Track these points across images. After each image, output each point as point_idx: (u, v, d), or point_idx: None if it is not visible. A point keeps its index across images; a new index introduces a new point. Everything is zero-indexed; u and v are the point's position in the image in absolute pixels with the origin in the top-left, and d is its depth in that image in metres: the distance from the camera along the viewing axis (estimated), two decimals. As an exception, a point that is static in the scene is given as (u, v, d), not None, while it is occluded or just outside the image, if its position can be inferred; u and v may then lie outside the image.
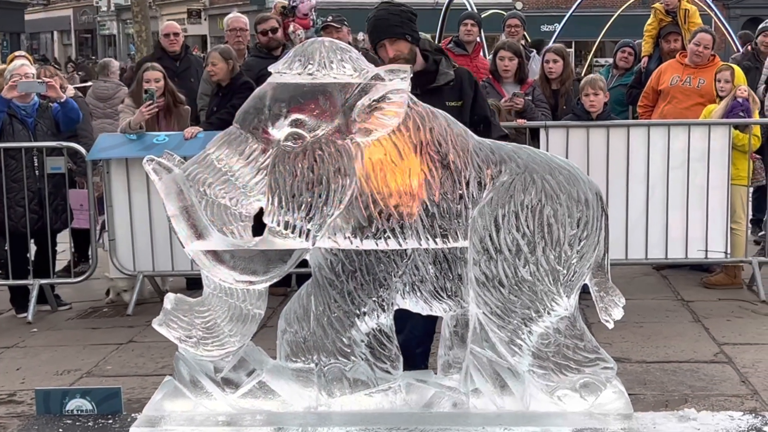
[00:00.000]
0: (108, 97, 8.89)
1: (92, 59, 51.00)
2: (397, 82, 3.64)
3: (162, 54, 8.25)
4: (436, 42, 11.34)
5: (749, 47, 9.33)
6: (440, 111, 3.87)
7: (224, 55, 7.28)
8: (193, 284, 7.31)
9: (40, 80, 6.95)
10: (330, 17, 8.43)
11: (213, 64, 7.26)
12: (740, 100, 6.99)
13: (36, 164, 6.94)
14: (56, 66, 8.36)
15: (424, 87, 4.61)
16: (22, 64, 7.15)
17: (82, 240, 7.72)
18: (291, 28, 8.77)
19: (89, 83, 11.64)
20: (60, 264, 7.66)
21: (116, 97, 8.68)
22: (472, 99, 4.76)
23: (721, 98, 7.20)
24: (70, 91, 7.83)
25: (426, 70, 4.69)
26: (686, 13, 8.83)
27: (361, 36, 12.84)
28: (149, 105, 6.81)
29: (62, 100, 7.04)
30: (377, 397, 3.88)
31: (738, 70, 7.47)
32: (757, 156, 7.30)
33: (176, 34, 8.39)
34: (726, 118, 7.00)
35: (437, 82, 4.70)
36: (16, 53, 8.74)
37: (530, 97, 7.02)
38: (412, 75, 4.53)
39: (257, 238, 3.72)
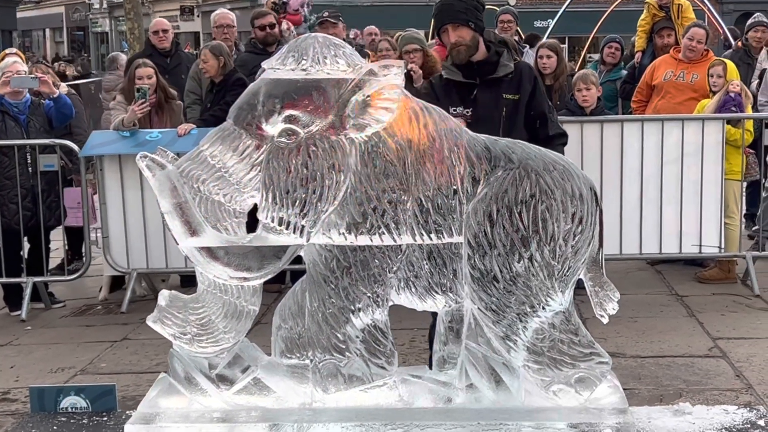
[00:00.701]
0: (114, 88, 8.90)
1: (84, 56, 50.82)
2: (391, 78, 3.63)
3: (152, 51, 8.24)
4: (430, 38, 11.33)
5: (739, 43, 9.34)
6: (434, 106, 3.86)
7: (215, 52, 7.27)
8: (187, 281, 7.31)
9: (32, 76, 6.93)
10: (326, 13, 8.43)
11: (204, 61, 7.26)
12: (732, 94, 7.00)
13: (29, 161, 6.93)
14: (47, 64, 8.30)
15: (484, 77, 4.68)
16: (14, 62, 7.13)
17: (75, 238, 7.70)
18: (284, 26, 8.77)
19: (90, 80, 11.63)
20: (53, 262, 7.65)
21: None
22: (530, 94, 4.74)
23: (714, 93, 7.21)
24: (63, 88, 7.81)
25: (487, 60, 4.72)
26: (679, 8, 8.84)
27: (352, 34, 12.81)
28: (142, 104, 6.80)
29: (55, 96, 7.02)
30: (372, 392, 3.87)
31: (731, 64, 7.48)
32: (751, 151, 7.31)
33: (165, 31, 8.37)
34: (718, 112, 7.01)
35: (497, 73, 4.72)
36: (7, 50, 8.72)
37: None
38: (475, 64, 4.67)
39: (251, 235, 3.71)
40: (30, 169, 6.93)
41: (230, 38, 7.92)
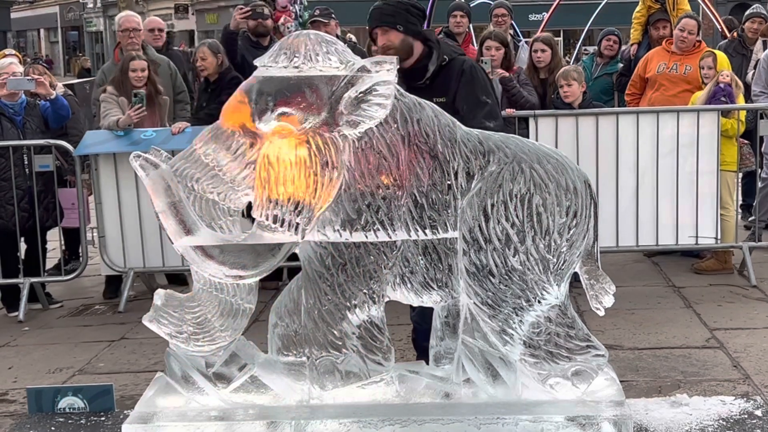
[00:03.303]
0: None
1: (79, 56, 50.88)
2: (384, 74, 3.63)
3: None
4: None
5: (734, 34, 9.33)
6: (427, 102, 3.87)
7: (213, 49, 7.28)
8: (174, 279, 7.31)
9: (29, 77, 6.92)
10: (317, 11, 8.40)
11: (202, 59, 7.25)
12: (722, 85, 7.00)
13: (26, 162, 6.93)
14: (44, 64, 8.27)
15: (412, 84, 4.46)
16: (10, 63, 7.11)
17: (72, 238, 7.69)
18: (281, 20, 8.74)
19: (85, 79, 11.62)
20: (50, 262, 7.64)
21: None
22: (455, 93, 4.58)
23: (706, 84, 7.22)
24: (60, 89, 7.79)
25: (416, 65, 4.56)
26: (675, 0, 8.82)
27: (352, 38, 12.80)
28: (138, 108, 6.80)
29: (52, 97, 7.02)
30: (370, 389, 3.88)
31: (721, 55, 7.48)
32: (745, 141, 7.31)
33: (161, 30, 8.34)
34: (709, 103, 7.01)
35: (423, 78, 4.56)
36: (5, 51, 8.69)
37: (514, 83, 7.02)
38: (405, 71, 4.46)
39: (246, 233, 3.71)
40: (27, 170, 6.93)
41: (137, 42, 7.77)
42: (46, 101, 7.04)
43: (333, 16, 8.37)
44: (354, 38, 11.81)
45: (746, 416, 4.38)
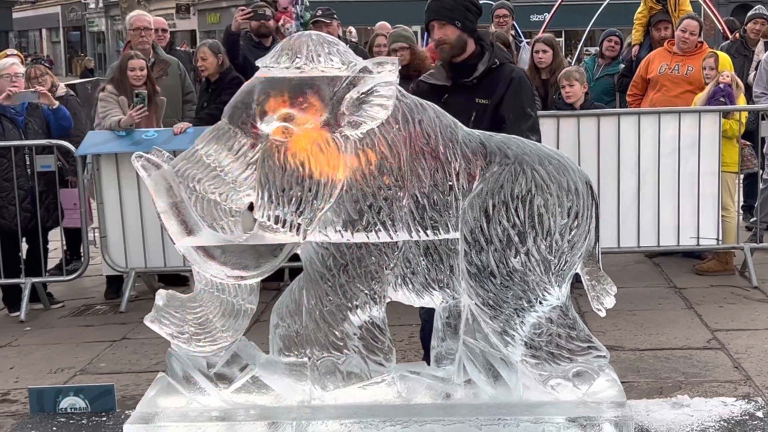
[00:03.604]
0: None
1: (81, 55, 50.91)
2: (386, 75, 3.63)
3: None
4: (427, 33, 11.29)
5: (737, 35, 9.33)
6: (429, 103, 3.87)
7: (214, 50, 7.28)
8: (169, 280, 7.30)
9: (32, 90, 6.93)
10: (319, 11, 8.41)
11: (203, 59, 7.26)
12: (722, 85, 7.00)
13: (28, 163, 6.94)
14: (45, 64, 8.28)
15: (458, 80, 4.54)
16: (12, 63, 7.12)
17: (73, 238, 7.70)
18: (281, 21, 8.74)
19: (87, 79, 11.62)
20: (52, 262, 7.65)
21: None
22: (500, 98, 4.55)
23: (708, 85, 7.22)
24: (62, 89, 7.80)
25: (466, 62, 4.56)
26: (676, 1, 8.82)
27: (353, 31, 12.80)
28: (140, 108, 6.80)
29: (54, 108, 7.03)
30: (371, 389, 3.87)
31: (723, 56, 7.48)
32: (747, 142, 7.31)
33: (164, 30, 8.35)
34: (709, 104, 7.01)
35: (471, 76, 4.55)
36: (7, 51, 8.69)
37: None
38: (454, 66, 4.49)
39: (248, 234, 3.71)
40: (29, 170, 6.94)
41: (148, 41, 7.77)
42: (47, 107, 7.06)
43: (335, 16, 8.37)
44: (354, 31, 11.80)
45: (747, 417, 4.38)
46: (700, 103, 7.13)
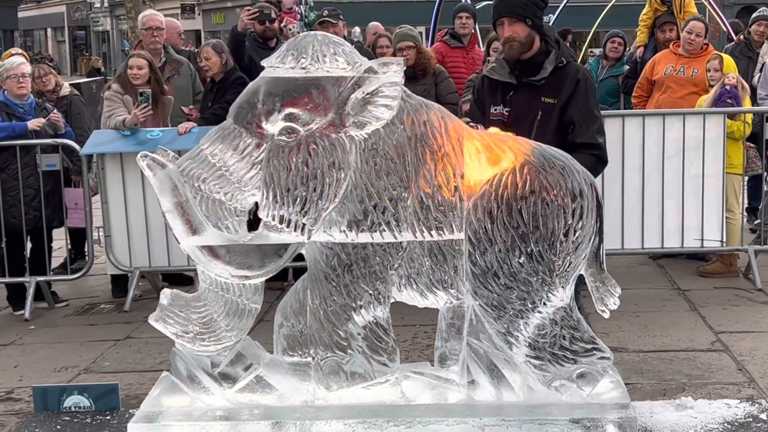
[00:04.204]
0: None
1: (86, 54, 50.93)
2: (391, 75, 3.64)
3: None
4: (431, 34, 11.31)
5: (741, 36, 9.33)
6: (434, 103, 3.87)
7: (217, 49, 7.28)
8: (168, 278, 7.31)
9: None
10: (325, 11, 8.42)
11: (206, 59, 7.26)
12: (728, 87, 7.00)
13: (38, 162, 6.96)
14: (49, 63, 8.29)
15: (524, 78, 4.51)
16: (20, 63, 7.13)
17: (78, 237, 7.71)
18: (284, 22, 8.76)
19: (92, 79, 11.64)
20: (56, 261, 7.66)
21: None
22: (567, 98, 4.51)
23: (713, 87, 7.21)
24: (66, 88, 7.81)
25: (532, 60, 4.52)
26: (682, 2, 8.82)
27: (357, 30, 12.82)
28: (144, 107, 6.81)
29: (62, 132, 7.06)
30: (375, 389, 3.87)
31: (727, 58, 7.48)
32: (751, 145, 7.30)
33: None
34: (715, 106, 7.01)
35: (537, 75, 4.52)
36: (12, 50, 8.70)
37: None
38: (520, 63, 4.47)
39: (253, 233, 3.72)
40: (38, 170, 6.96)
41: (159, 41, 7.76)
42: (53, 106, 7.10)
43: (341, 17, 8.39)
44: (358, 30, 11.81)
45: (751, 419, 4.37)
46: (705, 105, 7.12)
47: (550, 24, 17.40)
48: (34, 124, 6.83)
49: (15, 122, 6.88)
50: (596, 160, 4.55)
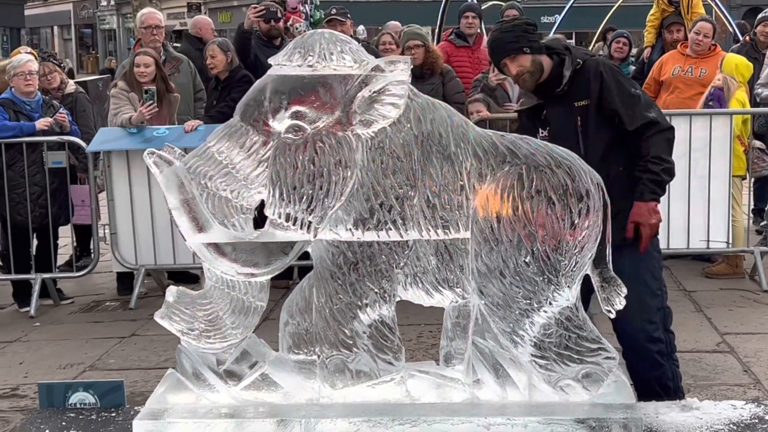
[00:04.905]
0: None
1: (92, 53, 50.97)
2: (398, 74, 3.63)
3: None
4: (437, 34, 11.30)
5: (747, 38, 9.31)
6: (441, 102, 3.87)
7: (223, 47, 7.30)
8: (173, 276, 7.31)
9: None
10: (333, 10, 8.42)
11: (212, 57, 7.27)
12: (712, 89, 7.01)
13: (44, 160, 6.98)
14: (54, 61, 8.30)
15: (550, 93, 4.45)
16: (27, 61, 7.15)
17: (83, 234, 7.73)
18: (290, 21, 8.77)
19: (99, 77, 11.65)
20: (62, 258, 7.67)
21: None
22: (598, 93, 4.41)
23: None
24: (71, 86, 7.83)
25: (549, 76, 4.46)
26: (689, 3, 8.81)
27: (361, 29, 12.82)
28: (150, 105, 6.82)
29: (67, 131, 7.07)
30: (380, 388, 3.87)
31: (737, 59, 7.46)
32: (759, 144, 7.29)
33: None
34: (705, 107, 7.02)
35: (561, 86, 4.45)
36: (20, 49, 8.71)
37: None
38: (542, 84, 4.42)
39: (259, 231, 3.72)
40: (45, 167, 6.97)
41: (159, 39, 7.77)
42: (62, 105, 7.12)
43: (349, 16, 8.40)
44: (363, 29, 11.82)
45: (757, 421, 4.36)
46: (699, 107, 7.13)
47: (557, 24, 17.44)
48: (42, 123, 6.86)
49: (23, 122, 6.89)
50: (665, 137, 4.43)
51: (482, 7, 10.20)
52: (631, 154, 4.39)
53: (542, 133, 4.49)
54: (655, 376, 4.55)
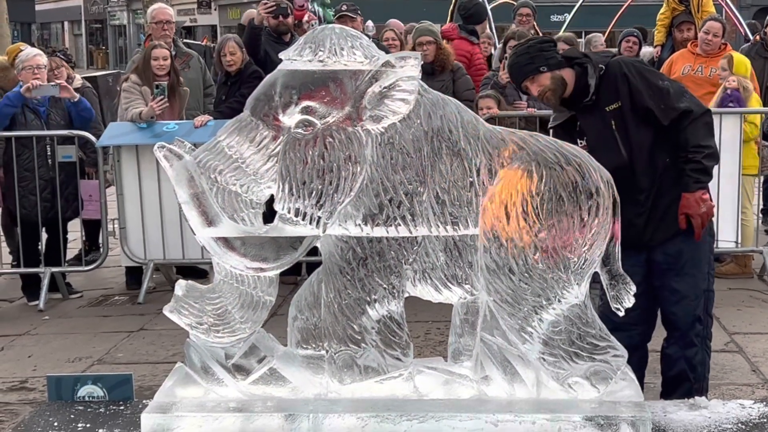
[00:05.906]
0: None
1: (102, 48, 51.07)
2: (408, 69, 3.63)
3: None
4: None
5: (757, 37, 9.29)
6: (451, 98, 3.87)
7: (239, 44, 7.34)
8: (181, 271, 7.32)
9: (53, 83, 6.97)
10: (344, 6, 8.43)
11: (231, 53, 7.28)
12: (729, 91, 6.98)
13: (49, 153, 6.98)
14: (61, 57, 8.30)
15: (579, 104, 4.41)
16: (35, 55, 7.16)
17: (92, 228, 7.75)
18: (305, 18, 8.79)
19: (109, 72, 11.66)
20: (71, 252, 7.70)
21: None
22: (628, 93, 4.36)
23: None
24: (78, 81, 7.84)
25: (575, 87, 4.40)
26: (699, 2, 8.79)
27: (370, 25, 12.81)
28: (160, 100, 6.83)
29: (75, 100, 7.06)
30: (388, 384, 3.87)
31: (738, 57, 7.44)
32: (766, 143, 7.27)
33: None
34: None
35: (589, 94, 4.40)
36: (20, 45, 8.71)
37: None
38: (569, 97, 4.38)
39: (268, 225, 3.73)
40: (50, 161, 6.98)
41: (170, 34, 7.78)
42: (69, 101, 7.11)
43: (359, 12, 8.40)
44: (371, 25, 11.82)
45: (765, 420, 4.35)
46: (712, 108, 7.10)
47: (566, 23, 17.41)
48: (26, 87, 6.82)
49: (9, 92, 6.94)
50: (701, 122, 4.37)
51: (490, 6, 10.18)
52: (675, 145, 4.37)
53: (581, 143, 4.42)
54: (687, 356, 4.58)
